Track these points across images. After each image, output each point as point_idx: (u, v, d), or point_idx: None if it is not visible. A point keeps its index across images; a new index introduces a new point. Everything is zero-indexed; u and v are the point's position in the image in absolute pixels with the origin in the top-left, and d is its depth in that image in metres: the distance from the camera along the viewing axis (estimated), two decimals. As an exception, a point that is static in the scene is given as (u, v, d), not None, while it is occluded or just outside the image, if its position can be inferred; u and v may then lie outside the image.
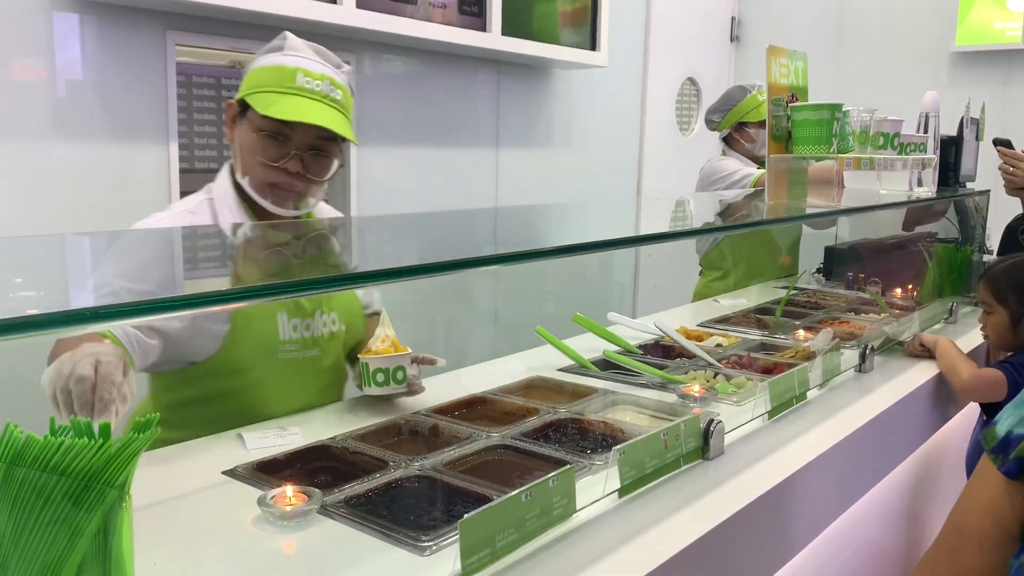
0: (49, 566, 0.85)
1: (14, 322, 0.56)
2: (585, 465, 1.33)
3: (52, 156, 2.30)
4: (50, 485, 0.84)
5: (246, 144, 1.50)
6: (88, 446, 0.85)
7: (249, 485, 1.26)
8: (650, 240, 1.64)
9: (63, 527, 0.85)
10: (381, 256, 1.23)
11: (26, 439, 0.84)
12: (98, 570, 0.87)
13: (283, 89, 1.45)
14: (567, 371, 1.93)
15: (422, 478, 1.28)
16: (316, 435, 1.46)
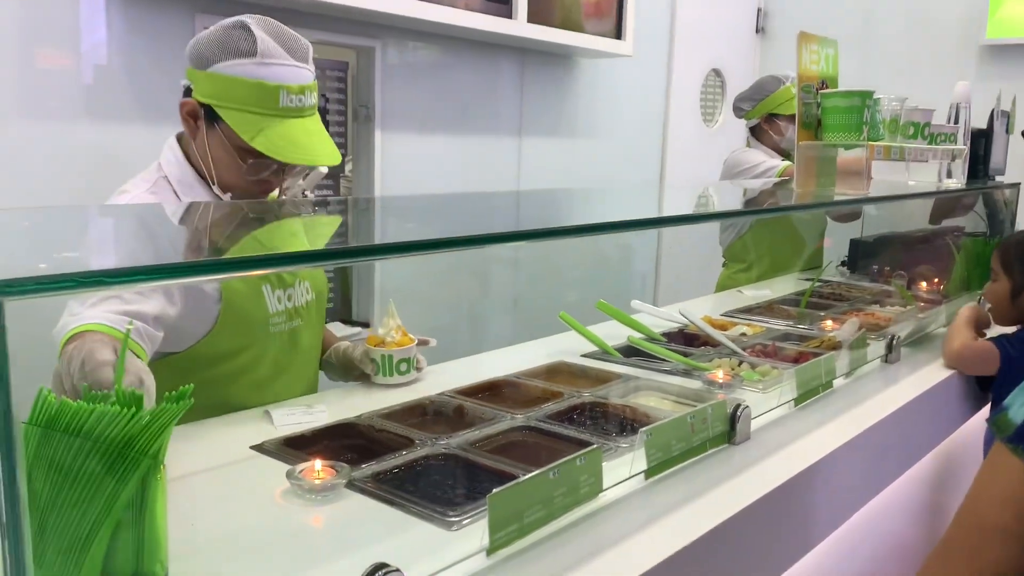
0: (85, 531, 0.86)
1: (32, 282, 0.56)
2: (611, 447, 1.33)
3: (82, 139, 2.32)
4: (84, 451, 0.85)
5: (222, 159, 1.44)
6: (121, 414, 0.86)
7: (277, 460, 1.27)
8: (675, 222, 1.64)
9: (98, 494, 0.86)
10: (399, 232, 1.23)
11: (60, 404, 0.85)
12: (133, 538, 0.88)
13: (265, 111, 1.38)
14: (590, 357, 1.93)
15: (448, 456, 1.29)
16: (342, 413, 1.46)
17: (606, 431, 1.46)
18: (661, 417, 1.43)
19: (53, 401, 0.85)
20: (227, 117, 1.40)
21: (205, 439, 1.37)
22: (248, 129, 1.39)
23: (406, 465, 1.25)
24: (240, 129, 1.39)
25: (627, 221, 1.33)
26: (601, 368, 1.82)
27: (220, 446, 1.34)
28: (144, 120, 2.42)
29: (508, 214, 1.57)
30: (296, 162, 1.41)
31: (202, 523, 1.07)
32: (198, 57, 1.42)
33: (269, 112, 1.39)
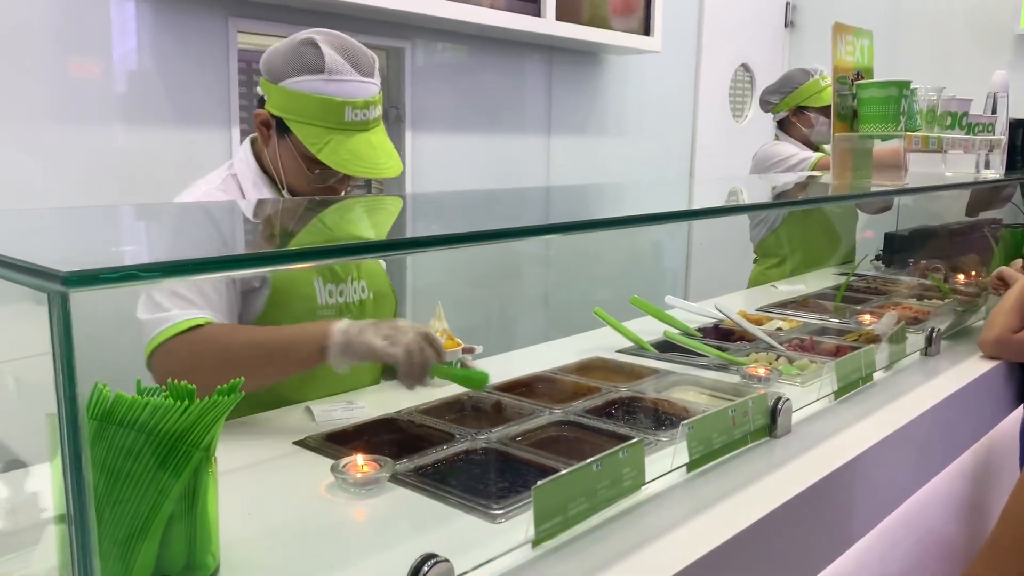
0: (140, 523, 0.87)
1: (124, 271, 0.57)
2: (651, 441, 1.33)
3: (116, 144, 2.36)
4: (138, 444, 0.87)
5: (291, 167, 1.52)
6: (174, 407, 0.88)
7: (320, 455, 1.29)
8: (708, 214, 1.63)
9: (151, 485, 0.87)
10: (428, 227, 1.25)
11: (115, 398, 0.87)
12: (185, 530, 0.90)
13: (332, 125, 1.46)
14: (625, 352, 1.93)
15: (489, 450, 1.30)
16: (381, 409, 1.48)
17: (644, 425, 1.46)
18: (699, 411, 1.44)
19: (108, 395, 0.86)
20: (296, 130, 1.48)
21: (247, 435, 1.39)
22: (315, 142, 1.46)
23: (447, 459, 1.26)
24: (308, 142, 1.47)
25: (659, 214, 1.32)
26: (637, 363, 1.82)
27: (263, 442, 1.35)
28: (177, 124, 2.46)
29: (538, 208, 1.58)
30: (358, 175, 1.49)
31: (251, 516, 1.08)
32: (270, 71, 1.50)
33: (335, 127, 1.46)
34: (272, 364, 1.40)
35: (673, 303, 2.26)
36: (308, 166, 1.50)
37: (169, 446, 0.87)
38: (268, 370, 1.41)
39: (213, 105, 2.52)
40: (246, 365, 1.36)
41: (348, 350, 1.35)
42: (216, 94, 2.52)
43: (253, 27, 2.58)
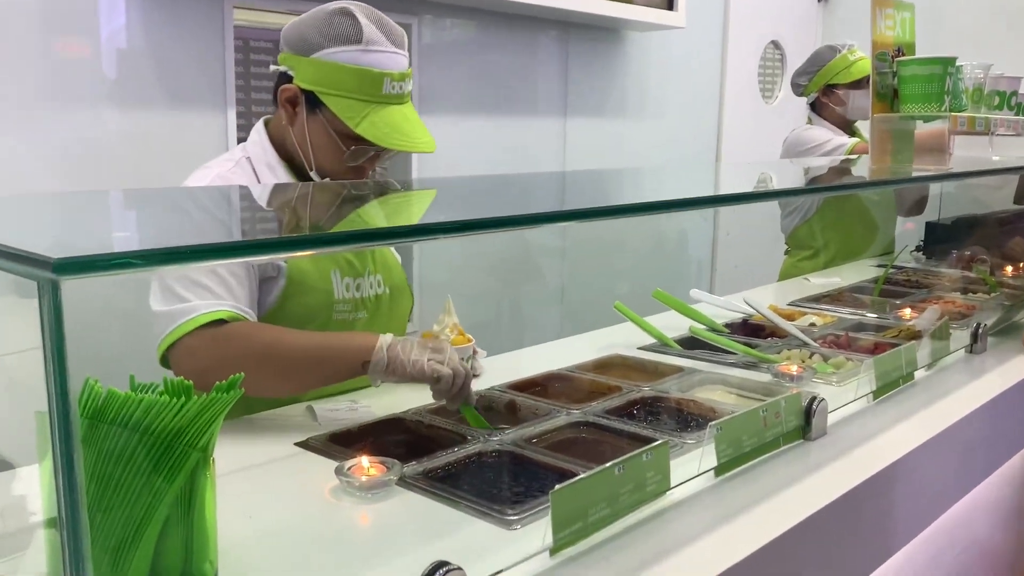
0: (133, 528, 0.87)
1: (118, 258, 0.58)
2: (676, 443, 1.33)
3: (106, 126, 2.37)
4: (132, 443, 0.87)
5: (323, 145, 1.52)
6: (169, 404, 0.88)
7: (324, 456, 1.29)
8: (735, 200, 1.63)
9: (146, 487, 0.88)
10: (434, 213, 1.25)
11: (107, 394, 0.87)
12: (182, 535, 0.90)
13: (369, 98, 1.47)
14: (647, 349, 1.93)
15: (503, 453, 1.30)
16: (387, 409, 1.48)
17: (669, 427, 1.46)
18: (727, 412, 1.43)
19: (100, 391, 0.87)
20: (331, 104, 1.48)
21: (246, 435, 1.39)
22: (353, 116, 1.47)
23: (459, 462, 1.26)
24: (345, 115, 1.47)
25: (683, 200, 1.32)
26: (660, 361, 1.81)
27: (263, 442, 1.36)
28: (170, 106, 2.47)
29: (553, 195, 1.58)
30: (399, 148, 1.49)
31: (251, 521, 1.09)
32: (301, 42, 1.50)
33: (373, 99, 1.47)
34: (311, 373, 1.41)
35: (699, 297, 2.25)
36: (343, 142, 1.50)
37: (164, 446, 0.87)
38: (304, 379, 1.43)
39: (208, 85, 2.52)
40: (282, 371, 1.40)
41: (392, 368, 1.37)
42: (211, 74, 2.53)
43: (249, 1, 2.59)
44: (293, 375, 1.41)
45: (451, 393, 1.38)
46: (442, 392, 1.38)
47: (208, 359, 1.35)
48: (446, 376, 1.37)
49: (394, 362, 1.37)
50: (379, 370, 1.37)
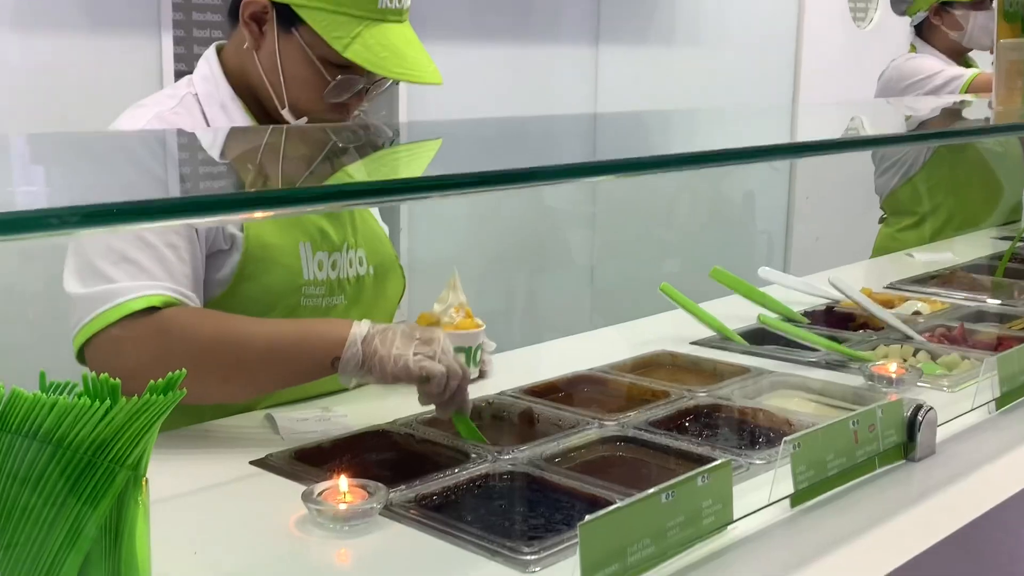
0: (45, 565, 0.88)
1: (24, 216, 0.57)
2: (741, 464, 1.33)
3: (9, 53, 2.37)
4: (42, 459, 0.87)
5: (298, 74, 1.52)
6: (90, 409, 0.88)
7: (287, 478, 1.30)
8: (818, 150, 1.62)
9: (60, 516, 0.88)
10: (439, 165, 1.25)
11: (10, 396, 0.87)
12: (106, 574, 0.90)
13: (360, 12, 1.47)
14: (702, 344, 1.93)
15: (516, 475, 1.30)
16: (368, 418, 1.49)
17: (731, 443, 1.46)
18: (806, 424, 1.43)
19: (1, 392, 0.87)
20: (312, 19, 1.47)
21: (189, 452, 1.40)
22: (341, 35, 1.46)
23: (461, 486, 1.27)
24: (330, 34, 1.46)
25: (750, 149, 1.32)
26: (720, 360, 1.82)
27: (209, 460, 1.37)
28: (91, 30, 2.47)
29: (581, 143, 1.58)
30: (398, 78, 1.49)
31: (195, 559, 1.09)
32: None
33: (366, 14, 1.46)
34: (267, 374, 1.42)
35: (769, 277, 2.24)
36: (327, 71, 1.50)
37: (84, 462, 0.88)
38: (259, 381, 1.44)
39: (139, 6, 2.52)
40: (232, 371, 1.40)
41: (369, 365, 1.37)
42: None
43: None
44: (245, 376, 1.42)
45: (443, 398, 1.38)
46: (431, 395, 1.39)
47: (137, 358, 1.36)
48: (437, 374, 1.36)
49: (371, 358, 1.37)
50: (352, 368, 1.37)
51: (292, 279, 1.54)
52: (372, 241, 1.69)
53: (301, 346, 1.40)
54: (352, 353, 1.37)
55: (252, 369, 1.41)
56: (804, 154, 1.45)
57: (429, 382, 1.37)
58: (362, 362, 1.37)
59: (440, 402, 1.39)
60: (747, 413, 1.55)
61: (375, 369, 1.37)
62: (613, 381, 1.70)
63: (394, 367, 1.36)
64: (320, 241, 1.58)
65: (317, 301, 1.57)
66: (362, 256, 1.65)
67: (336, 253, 1.60)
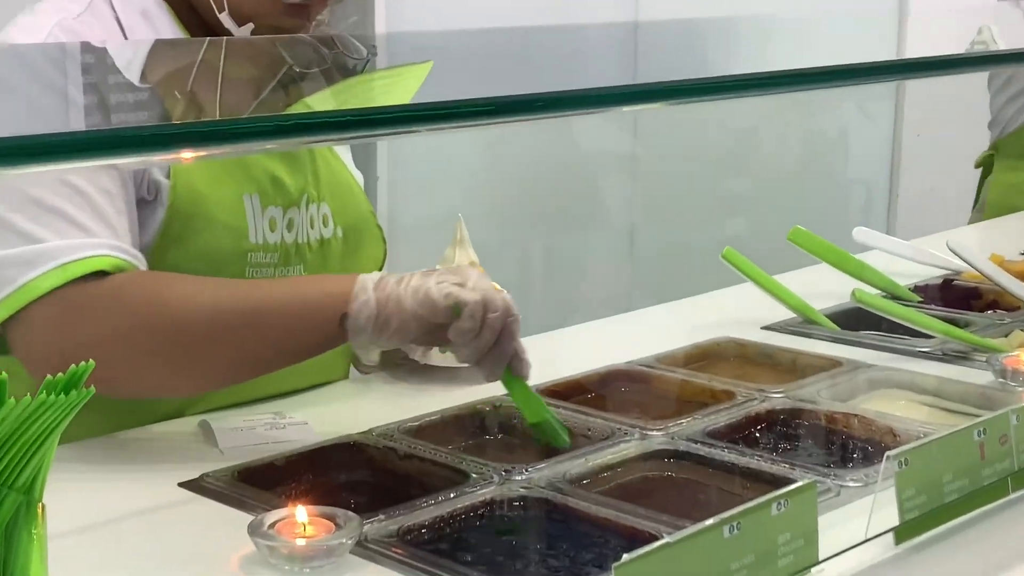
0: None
1: None
2: (829, 487, 1.33)
3: None
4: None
5: None
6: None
7: (228, 505, 1.30)
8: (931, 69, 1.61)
9: (-71, 552, 0.89)
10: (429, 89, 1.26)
11: None
12: (-11, 628, 0.91)
13: None
14: (777, 330, 1.94)
15: (531, 502, 1.31)
16: (335, 426, 1.49)
17: (816, 459, 1.46)
18: (915, 434, 1.44)
19: None
20: None
21: (100, 470, 1.41)
22: None
23: (458, 516, 1.27)
24: None
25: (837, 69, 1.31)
26: (801, 350, 1.82)
27: (127, 480, 1.37)
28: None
29: (616, 60, 1.57)
30: None
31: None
32: None
33: None
34: (260, 347, 1.44)
35: (868, 240, 2.24)
36: None
37: (-41, 484, 0.88)
38: (250, 358, 1.46)
39: None
40: (215, 349, 1.42)
41: (387, 315, 1.38)
42: None
43: None
44: (230, 355, 1.44)
45: (481, 341, 1.38)
46: (465, 336, 1.38)
47: (85, 340, 1.36)
48: (470, 301, 1.37)
49: (386, 304, 1.38)
50: (365, 323, 1.38)
51: (234, 242, 1.55)
52: (340, 194, 1.70)
53: (301, 307, 1.42)
54: (364, 302, 1.38)
55: (239, 345, 1.43)
56: (915, 74, 1.44)
57: (461, 317, 1.37)
58: (377, 313, 1.38)
59: (478, 348, 1.40)
60: (837, 420, 1.55)
61: (392, 318, 1.38)
62: (660, 378, 1.70)
63: (414, 302, 1.37)
64: (272, 193, 1.59)
65: (268, 271, 1.58)
66: (327, 213, 1.66)
67: (293, 209, 1.61)
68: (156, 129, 0.87)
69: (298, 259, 1.61)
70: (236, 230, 1.55)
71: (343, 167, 1.73)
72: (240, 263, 1.55)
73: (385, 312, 1.38)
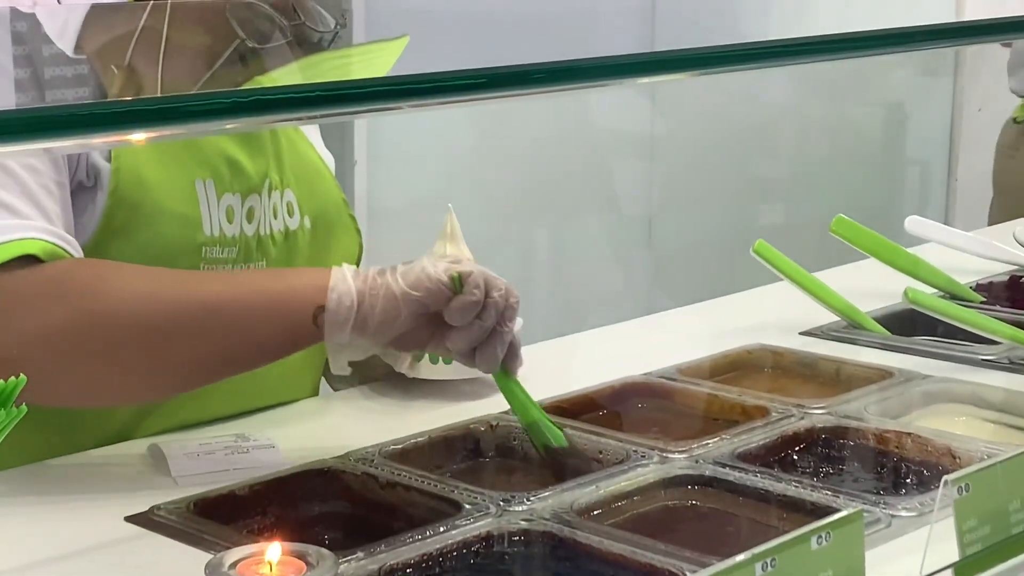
0: None
1: None
2: (878, 517, 1.33)
3: None
4: None
5: None
6: None
7: (182, 542, 1.30)
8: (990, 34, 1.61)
9: None
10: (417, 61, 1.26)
11: None
12: None
13: None
14: (818, 336, 1.95)
15: (534, 536, 1.31)
16: (307, 450, 1.49)
17: (862, 484, 1.47)
18: (979, 456, 1.44)
19: None
20: None
21: (39, 500, 1.41)
22: None
23: (449, 553, 1.27)
24: None
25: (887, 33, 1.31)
26: (843, 359, 1.83)
27: (66, 513, 1.37)
28: None
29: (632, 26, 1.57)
30: None
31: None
32: None
33: None
34: (220, 345, 1.45)
35: (922, 232, 2.25)
36: None
37: None
38: (208, 359, 1.46)
39: None
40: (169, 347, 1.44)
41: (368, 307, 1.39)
42: None
43: None
44: (177, 358, 1.45)
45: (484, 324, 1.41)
46: (467, 312, 1.40)
47: (7, 335, 1.37)
48: (476, 273, 1.40)
49: (370, 292, 1.39)
50: (344, 317, 1.39)
51: (186, 234, 1.56)
52: (307, 179, 1.71)
53: (268, 299, 1.44)
54: (344, 292, 1.39)
55: (194, 344, 1.44)
56: (978, 38, 1.44)
57: (462, 289, 1.40)
58: (357, 304, 1.39)
59: (479, 330, 1.41)
60: (888, 440, 1.55)
61: (377, 307, 1.39)
62: (682, 392, 1.71)
63: (405, 283, 1.40)
64: (229, 178, 1.60)
65: (226, 268, 1.59)
66: (291, 201, 1.68)
67: (253, 196, 1.62)
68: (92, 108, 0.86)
69: (260, 254, 1.62)
70: (188, 220, 1.56)
71: (310, 148, 1.74)
72: (193, 258, 1.56)
73: (368, 301, 1.39)
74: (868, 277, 2.06)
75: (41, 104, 1.36)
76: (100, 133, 0.83)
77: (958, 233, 2.28)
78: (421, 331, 1.44)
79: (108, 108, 0.87)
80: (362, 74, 1.36)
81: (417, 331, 1.44)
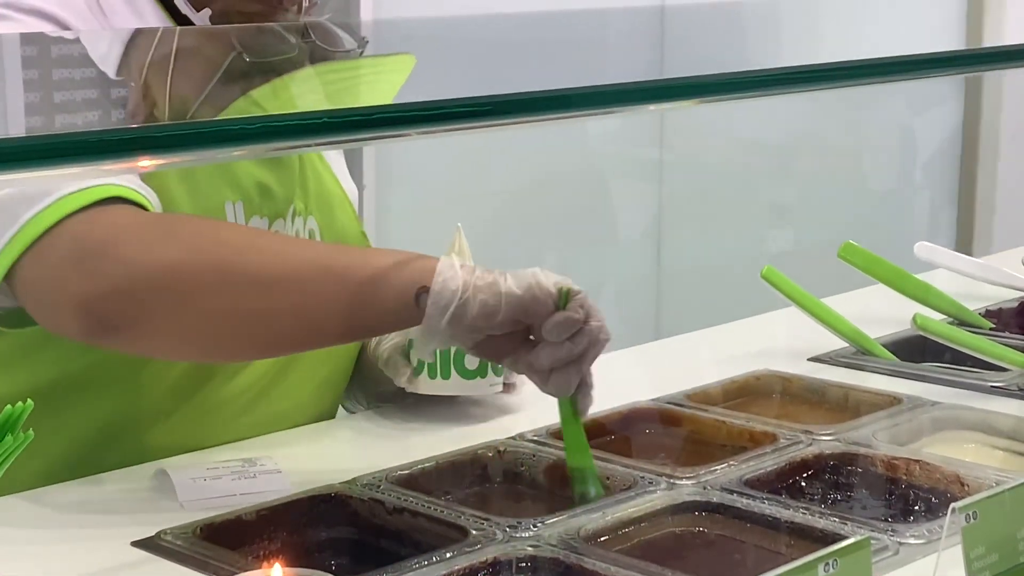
0: None
1: None
2: (886, 545, 1.33)
3: None
4: None
5: None
6: None
7: (188, 567, 1.30)
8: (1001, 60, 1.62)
9: None
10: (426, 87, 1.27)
11: None
12: None
13: None
14: (826, 362, 1.95)
15: (540, 562, 1.31)
16: (314, 475, 1.50)
17: (871, 511, 1.47)
18: (988, 483, 1.44)
19: None
20: None
21: (45, 524, 1.41)
22: None
23: (457, 578, 1.27)
24: None
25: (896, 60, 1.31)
26: (853, 385, 1.83)
27: (72, 539, 1.37)
28: None
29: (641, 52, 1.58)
30: None
31: None
32: None
33: None
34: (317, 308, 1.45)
35: (931, 257, 2.25)
36: None
37: None
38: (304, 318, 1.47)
39: None
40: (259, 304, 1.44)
41: (471, 295, 1.39)
42: None
43: None
44: (286, 315, 1.46)
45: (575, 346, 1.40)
46: (565, 329, 1.40)
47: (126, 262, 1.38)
48: (581, 295, 1.41)
49: (474, 285, 1.39)
50: (450, 298, 1.38)
51: None
52: (329, 209, 1.72)
53: (375, 270, 1.43)
54: (450, 277, 1.39)
55: (304, 305, 1.45)
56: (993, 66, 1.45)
57: (566, 305, 1.40)
58: (462, 291, 1.39)
59: (567, 352, 1.41)
60: (897, 467, 1.55)
61: (480, 297, 1.38)
62: (690, 418, 1.71)
63: (514, 283, 1.39)
64: (258, 202, 1.61)
65: None
66: (313, 229, 1.69)
67: (279, 221, 1.64)
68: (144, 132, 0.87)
69: None
70: None
71: (333, 180, 1.75)
72: None
73: (472, 292, 1.39)
74: (877, 303, 2.06)
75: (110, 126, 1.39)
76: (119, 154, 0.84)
77: (967, 259, 2.28)
78: (508, 340, 1.43)
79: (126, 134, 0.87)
80: (367, 94, 1.36)
81: (505, 339, 1.43)
